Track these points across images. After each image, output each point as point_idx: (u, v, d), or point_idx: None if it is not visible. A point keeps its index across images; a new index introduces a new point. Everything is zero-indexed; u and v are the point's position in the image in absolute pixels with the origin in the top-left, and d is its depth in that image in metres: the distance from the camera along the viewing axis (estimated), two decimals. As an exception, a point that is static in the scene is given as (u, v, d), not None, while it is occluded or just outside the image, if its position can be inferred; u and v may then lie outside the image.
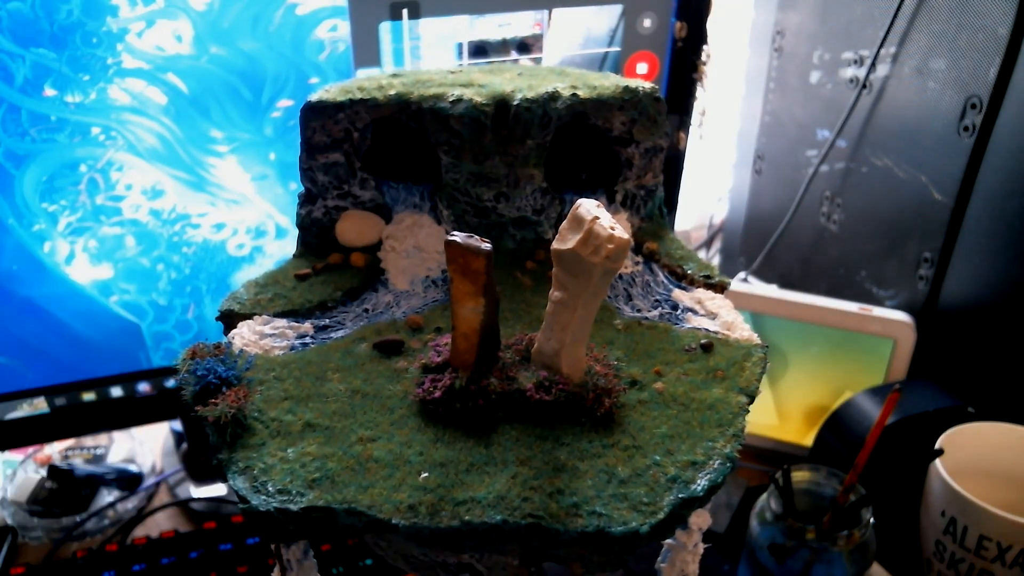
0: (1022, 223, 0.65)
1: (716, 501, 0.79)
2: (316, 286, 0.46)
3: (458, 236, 0.33)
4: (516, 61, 0.69)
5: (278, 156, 0.67)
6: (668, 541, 0.39)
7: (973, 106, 0.66)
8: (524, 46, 0.68)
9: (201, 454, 0.82)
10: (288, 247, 0.70)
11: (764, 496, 0.63)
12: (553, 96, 0.46)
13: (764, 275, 0.97)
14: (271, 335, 0.42)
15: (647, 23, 0.70)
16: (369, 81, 0.49)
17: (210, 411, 0.34)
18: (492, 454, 0.33)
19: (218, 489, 0.81)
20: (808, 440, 0.80)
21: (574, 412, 0.35)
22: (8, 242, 0.63)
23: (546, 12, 0.67)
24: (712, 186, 1.14)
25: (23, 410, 0.71)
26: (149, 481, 0.82)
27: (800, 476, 0.63)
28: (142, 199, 0.65)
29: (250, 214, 0.68)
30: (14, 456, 0.84)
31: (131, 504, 0.79)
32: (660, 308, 0.45)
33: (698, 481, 0.32)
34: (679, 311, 0.44)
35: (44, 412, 0.72)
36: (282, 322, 0.43)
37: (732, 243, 1.08)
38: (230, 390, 0.35)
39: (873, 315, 0.76)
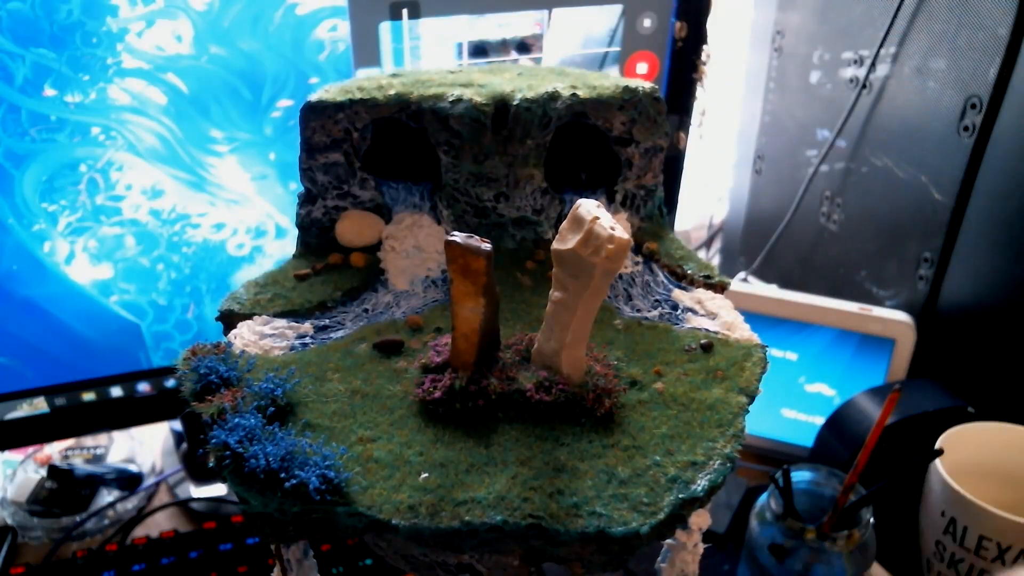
0: (1022, 223, 0.65)
1: (716, 501, 0.79)
2: (316, 286, 0.46)
3: (458, 236, 0.33)
4: (516, 61, 0.69)
5: (278, 156, 0.67)
6: (668, 541, 0.39)
7: (973, 106, 0.66)
8: (524, 46, 0.68)
9: (200, 453, 0.82)
10: (288, 247, 0.70)
11: (764, 496, 0.63)
12: (553, 96, 0.46)
13: (764, 275, 0.97)
14: (271, 335, 0.42)
15: (647, 23, 0.70)
16: (369, 81, 0.49)
17: (205, 408, 0.34)
18: (492, 454, 0.33)
19: (218, 489, 0.81)
20: (808, 440, 0.80)
21: (574, 412, 0.35)
22: (8, 242, 0.63)
23: (546, 12, 0.67)
24: (712, 186, 1.14)
25: (23, 410, 0.71)
26: (149, 481, 0.82)
27: (800, 476, 0.63)
28: (142, 199, 0.65)
29: (250, 214, 0.68)
30: (14, 456, 0.84)
31: (131, 504, 0.79)
32: (660, 308, 0.45)
33: (698, 481, 0.32)
34: (679, 311, 0.44)
35: (44, 412, 0.72)
36: (282, 322, 0.43)
37: (732, 243, 1.08)
38: (228, 390, 0.35)
39: (873, 315, 0.76)
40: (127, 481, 0.81)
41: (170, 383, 0.75)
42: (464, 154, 0.46)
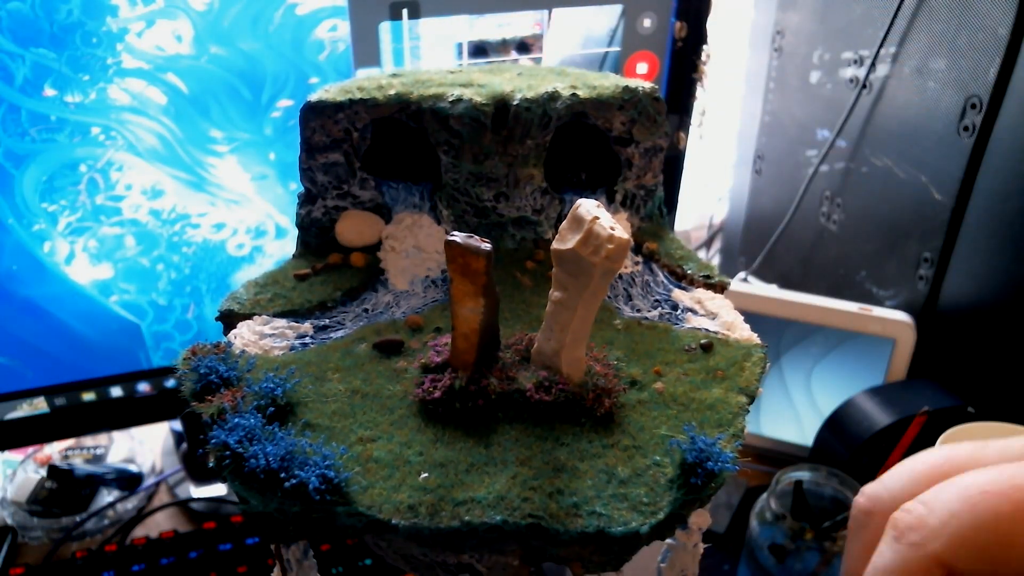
0: (1022, 223, 0.65)
1: (716, 501, 0.79)
2: (316, 286, 0.46)
3: (458, 236, 0.33)
4: (516, 61, 0.69)
5: (278, 156, 0.67)
6: (668, 541, 0.39)
7: (973, 106, 0.66)
8: (524, 46, 0.68)
9: (200, 453, 0.82)
10: (288, 247, 0.70)
11: (764, 496, 0.63)
12: (553, 96, 0.46)
13: (764, 275, 0.97)
14: (271, 335, 0.42)
15: (647, 23, 0.70)
16: (369, 81, 0.49)
17: (205, 408, 0.34)
18: (492, 454, 0.33)
19: (218, 489, 0.81)
20: (808, 440, 0.80)
21: (574, 412, 0.35)
22: (8, 242, 0.63)
23: (546, 12, 0.67)
24: (712, 186, 1.14)
25: (23, 410, 0.71)
26: (149, 481, 0.82)
27: (800, 476, 0.63)
28: (142, 199, 0.65)
29: (250, 214, 0.68)
30: (14, 456, 0.84)
31: (131, 504, 0.79)
32: (660, 308, 0.45)
33: (698, 481, 0.32)
34: (679, 311, 0.44)
35: (44, 412, 0.72)
36: (282, 322, 0.43)
37: (732, 243, 1.08)
38: (228, 390, 0.35)
39: (873, 315, 0.76)
40: (127, 481, 0.81)
41: (170, 383, 0.75)
42: (464, 154, 0.46)
